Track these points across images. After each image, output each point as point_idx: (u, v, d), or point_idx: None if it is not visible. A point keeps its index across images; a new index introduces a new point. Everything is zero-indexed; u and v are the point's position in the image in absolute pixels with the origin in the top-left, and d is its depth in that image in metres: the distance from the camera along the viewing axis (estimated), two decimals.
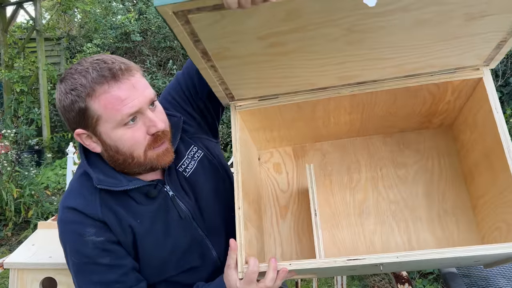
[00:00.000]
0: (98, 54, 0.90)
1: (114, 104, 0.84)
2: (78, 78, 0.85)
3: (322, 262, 0.88)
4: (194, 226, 1.02)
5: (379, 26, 0.76)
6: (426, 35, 0.81)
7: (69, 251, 0.94)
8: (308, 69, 0.91)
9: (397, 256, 0.84)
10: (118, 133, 0.87)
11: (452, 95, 1.05)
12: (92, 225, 0.92)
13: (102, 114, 0.85)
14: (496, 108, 0.94)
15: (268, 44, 0.79)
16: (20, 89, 5.28)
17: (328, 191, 1.25)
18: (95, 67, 0.84)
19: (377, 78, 0.98)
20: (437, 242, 1.16)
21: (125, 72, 0.85)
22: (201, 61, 0.84)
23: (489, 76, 0.97)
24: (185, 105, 1.08)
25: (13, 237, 3.64)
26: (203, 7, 0.66)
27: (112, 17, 5.79)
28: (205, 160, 1.08)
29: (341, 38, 0.79)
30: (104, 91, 0.84)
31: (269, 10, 0.68)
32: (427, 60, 0.91)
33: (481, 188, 1.08)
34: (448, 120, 1.19)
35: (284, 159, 1.31)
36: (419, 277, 2.58)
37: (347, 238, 1.21)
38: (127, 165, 0.93)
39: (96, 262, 0.92)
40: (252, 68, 0.89)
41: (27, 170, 3.98)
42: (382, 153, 1.25)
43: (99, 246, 0.92)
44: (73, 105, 0.86)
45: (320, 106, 1.06)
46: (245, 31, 0.75)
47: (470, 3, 0.71)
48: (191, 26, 0.72)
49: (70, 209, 0.93)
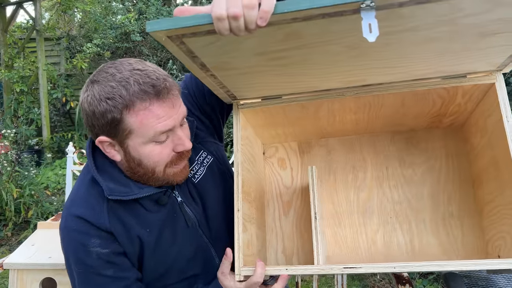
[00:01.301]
0: (135, 59, 0.86)
1: (150, 121, 0.82)
2: (117, 88, 0.80)
3: (319, 269, 0.88)
4: (200, 233, 1.01)
5: (384, 44, 0.72)
6: (436, 49, 0.77)
7: (71, 260, 0.92)
8: (312, 76, 0.89)
9: (394, 266, 0.83)
10: (147, 148, 0.85)
11: (463, 98, 1.01)
12: (97, 236, 0.90)
13: (135, 129, 0.83)
14: (507, 116, 0.90)
15: (268, 58, 0.77)
16: (20, 89, 5.28)
17: (332, 189, 1.24)
18: (137, 80, 0.80)
19: (383, 81, 0.95)
20: (440, 245, 1.14)
21: (168, 91, 0.83)
22: (201, 72, 0.82)
23: (501, 81, 0.92)
24: (194, 109, 1.07)
25: (13, 237, 3.63)
26: (197, 32, 0.64)
27: (112, 17, 5.79)
28: (214, 166, 1.07)
29: (344, 53, 0.76)
30: (145, 108, 0.81)
31: (267, 33, 0.66)
32: (436, 67, 0.88)
33: (488, 195, 1.05)
34: (460, 121, 1.15)
35: (289, 155, 1.30)
36: (419, 277, 2.58)
37: (349, 236, 1.20)
38: (145, 178, 0.91)
39: (99, 273, 0.90)
40: (254, 76, 0.87)
41: (27, 170, 3.97)
42: (389, 151, 1.23)
43: (103, 258, 0.90)
44: (106, 114, 0.81)
45: (324, 106, 1.05)
46: (244, 49, 0.72)
47: (483, 24, 0.67)
48: (186, 46, 0.70)
49: (76, 218, 0.90)
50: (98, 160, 0.93)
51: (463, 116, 1.13)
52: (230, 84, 0.92)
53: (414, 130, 1.22)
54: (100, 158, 0.93)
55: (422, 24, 0.65)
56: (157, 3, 5.53)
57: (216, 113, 1.11)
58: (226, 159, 1.16)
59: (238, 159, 1.00)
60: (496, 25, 0.68)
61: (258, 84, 0.93)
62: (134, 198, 0.90)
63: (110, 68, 0.83)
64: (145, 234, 0.93)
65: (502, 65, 0.88)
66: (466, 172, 1.16)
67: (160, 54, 5.46)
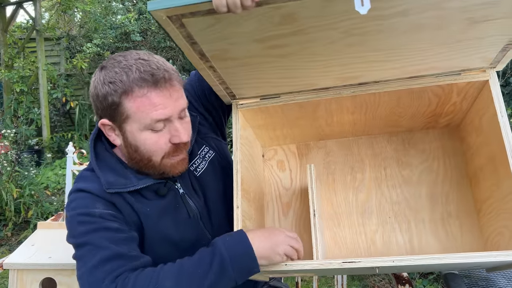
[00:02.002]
0: (144, 51, 0.92)
1: (146, 108, 0.86)
2: (120, 73, 0.86)
3: (318, 264, 0.89)
4: (201, 226, 1.02)
5: (377, 30, 0.74)
6: (426, 38, 0.78)
7: (77, 228, 0.90)
8: (309, 70, 0.90)
9: (393, 260, 0.83)
10: (143, 135, 0.89)
11: (458, 96, 1.03)
12: (101, 202, 0.92)
13: (132, 114, 0.87)
14: (501, 112, 0.91)
15: (267, 46, 0.78)
16: (20, 89, 5.27)
17: (331, 190, 1.25)
18: (139, 67, 0.85)
19: (379, 79, 0.96)
20: (439, 244, 1.15)
21: (166, 81, 0.86)
22: (200, 62, 0.84)
23: (495, 78, 0.94)
24: (197, 105, 1.10)
25: (13, 237, 3.63)
26: (197, 11, 0.66)
27: (112, 17, 5.78)
28: (216, 161, 1.09)
29: (340, 40, 0.77)
30: (142, 94, 0.85)
31: (264, 14, 0.67)
32: (429, 62, 0.89)
33: (485, 192, 1.06)
34: (456, 121, 1.17)
35: (288, 157, 1.31)
36: (419, 277, 2.58)
37: (348, 237, 1.21)
38: (141, 165, 0.94)
39: (105, 227, 0.89)
40: (252, 69, 0.88)
41: (27, 170, 3.97)
42: (387, 152, 1.24)
43: (107, 216, 0.91)
44: (107, 96, 0.87)
45: (322, 106, 1.06)
46: (242, 34, 0.73)
47: (470, 8, 0.68)
48: (186, 30, 0.71)
49: (79, 191, 0.93)
50: (99, 152, 0.98)
51: (458, 116, 1.14)
52: (228, 78, 0.92)
53: (411, 131, 1.23)
54: (101, 151, 0.98)
55: (411, 8, 0.67)
56: None
57: (218, 111, 1.13)
58: (229, 155, 1.18)
59: (237, 157, 1.01)
60: (483, 9, 0.68)
61: (257, 80, 0.94)
62: (133, 189, 0.93)
63: (119, 57, 0.89)
64: (146, 213, 0.95)
65: (495, 61, 0.90)
66: (463, 172, 1.17)
67: (160, 54, 5.46)
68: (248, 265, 0.85)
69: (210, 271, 0.82)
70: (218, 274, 0.82)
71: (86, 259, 0.87)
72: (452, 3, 0.66)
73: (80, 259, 0.88)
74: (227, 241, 0.87)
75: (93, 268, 0.85)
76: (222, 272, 0.83)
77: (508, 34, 0.79)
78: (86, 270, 0.86)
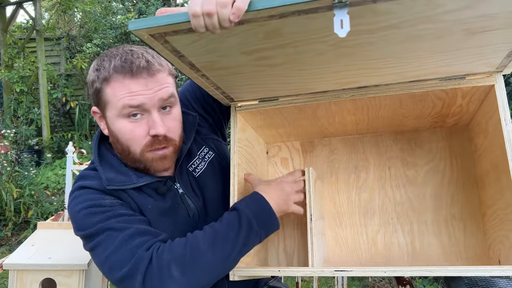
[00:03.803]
0: (141, 46, 0.93)
1: (121, 93, 0.87)
2: (106, 61, 0.89)
3: (310, 271, 0.89)
4: (200, 226, 1.01)
5: (368, 42, 0.71)
6: (425, 47, 0.75)
7: (86, 215, 0.89)
8: (303, 77, 0.88)
9: (384, 271, 0.82)
10: (119, 123, 0.90)
11: (463, 99, 0.99)
12: (107, 197, 0.92)
13: (110, 100, 0.89)
14: (505, 119, 0.87)
15: (255, 58, 0.76)
16: (20, 89, 5.27)
17: (334, 189, 1.24)
18: (122, 56, 0.88)
19: (378, 83, 0.93)
20: (441, 247, 1.12)
21: (143, 70, 0.87)
22: (191, 72, 0.82)
23: (501, 83, 0.89)
24: (197, 106, 1.11)
25: (13, 237, 3.63)
26: (178, 30, 0.65)
27: (112, 17, 5.78)
28: (215, 161, 1.09)
29: (329, 52, 0.74)
30: (118, 80, 0.87)
31: (247, 31, 0.65)
32: (430, 68, 0.85)
33: (490, 199, 1.03)
34: (464, 120, 1.13)
35: (292, 154, 1.30)
36: (420, 277, 2.58)
37: (350, 237, 1.20)
38: (124, 157, 0.95)
39: (117, 214, 0.89)
40: (246, 77, 0.87)
41: (27, 170, 3.97)
42: (392, 151, 1.22)
43: (117, 203, 0.91)
44: (93, 83, 0.91)
45: (321, 108, 1.04)
46: (228, 48, 0.72)
47: (467, 20, 0.65)
48: (171, 45, 0.70)
49: (83, 188, 0.94)
50: (102, 151, 0.99)
51: (467, 116, 1.10)
52: (223, 84, 0.91)
53: (417, 130, 1.20)
54: (104, 151, 0.99)
55: (403, 21, 0.64)
56: (157, 3, 5.53)
57: (217, 113, 1.13)
58: (229, 155, 1.17)
59: (234, 161, 1.00)
60: (481, 22, 0.66)
61: (253, 85, 0.92)
62: (132, 187, 0.94)
63: (115, 48, 0.93)
64: (147, 208, 0.95)
65: (500, 65, 0.86)
66: (470, 173, 1.14)
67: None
68: (269, 220, 0.93)
69: (240, 231, 0.88)
70: (247, 232, 0.89)
71: (107, 242, 0.85)
72: (447, 16, 0.63)
73: (99, 245, 0.86)
74: (248, 202, 0.93)
75: (119, 246, 0.84)
76: (250, 230, 0.89)
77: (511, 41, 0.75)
78: (111, 251, 0.84)
